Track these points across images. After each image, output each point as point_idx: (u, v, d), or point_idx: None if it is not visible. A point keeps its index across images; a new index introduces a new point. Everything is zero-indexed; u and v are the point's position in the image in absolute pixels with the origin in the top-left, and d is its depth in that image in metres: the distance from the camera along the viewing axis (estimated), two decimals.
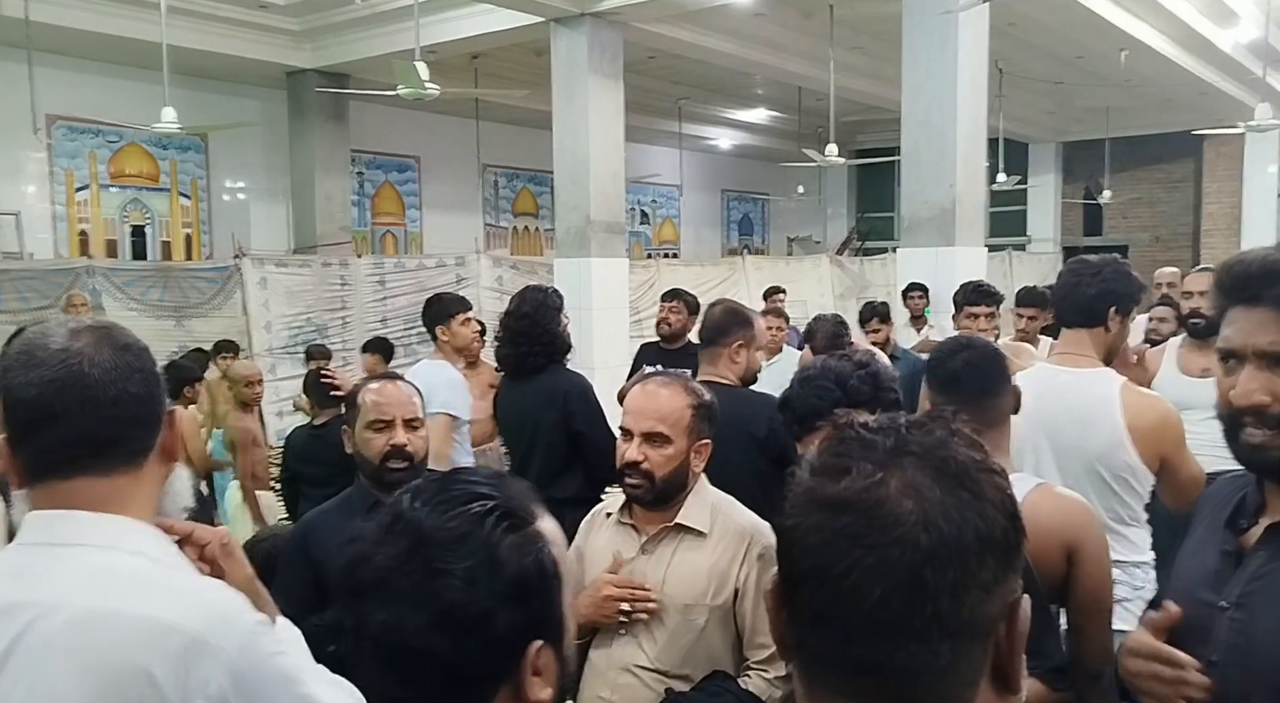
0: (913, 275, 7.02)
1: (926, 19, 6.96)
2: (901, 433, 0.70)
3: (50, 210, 10.01)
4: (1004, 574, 0.68)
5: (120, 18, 8.64)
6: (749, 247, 18.36)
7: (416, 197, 13.35)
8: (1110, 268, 2.45)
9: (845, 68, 10.08)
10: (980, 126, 7.28)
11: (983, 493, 0.67)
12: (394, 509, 0.88)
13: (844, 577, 0.66)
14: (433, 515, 0.86)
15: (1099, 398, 2.40)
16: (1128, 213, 16.02)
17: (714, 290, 11.54)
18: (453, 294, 4.34)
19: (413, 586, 0.83)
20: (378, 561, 0.85)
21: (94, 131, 10.19)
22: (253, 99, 10.96)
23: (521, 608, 0.85)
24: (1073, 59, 10.73)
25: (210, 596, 1.12)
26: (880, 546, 0.65)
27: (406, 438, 2.19)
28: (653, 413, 1.95)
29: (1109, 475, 2.37)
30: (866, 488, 0.66)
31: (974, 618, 0.66)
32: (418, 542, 0.85)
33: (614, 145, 8.50)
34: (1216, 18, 9.70)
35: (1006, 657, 0.69)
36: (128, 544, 1.13)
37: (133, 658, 1.04)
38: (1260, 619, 1.25)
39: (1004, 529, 0.67)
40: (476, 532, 0.85)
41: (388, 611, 0.84)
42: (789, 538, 0.70)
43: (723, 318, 3.17)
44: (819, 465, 0.70)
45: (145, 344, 1.22)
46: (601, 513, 2.13)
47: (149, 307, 8.60)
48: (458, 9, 8.71)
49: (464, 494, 0.88)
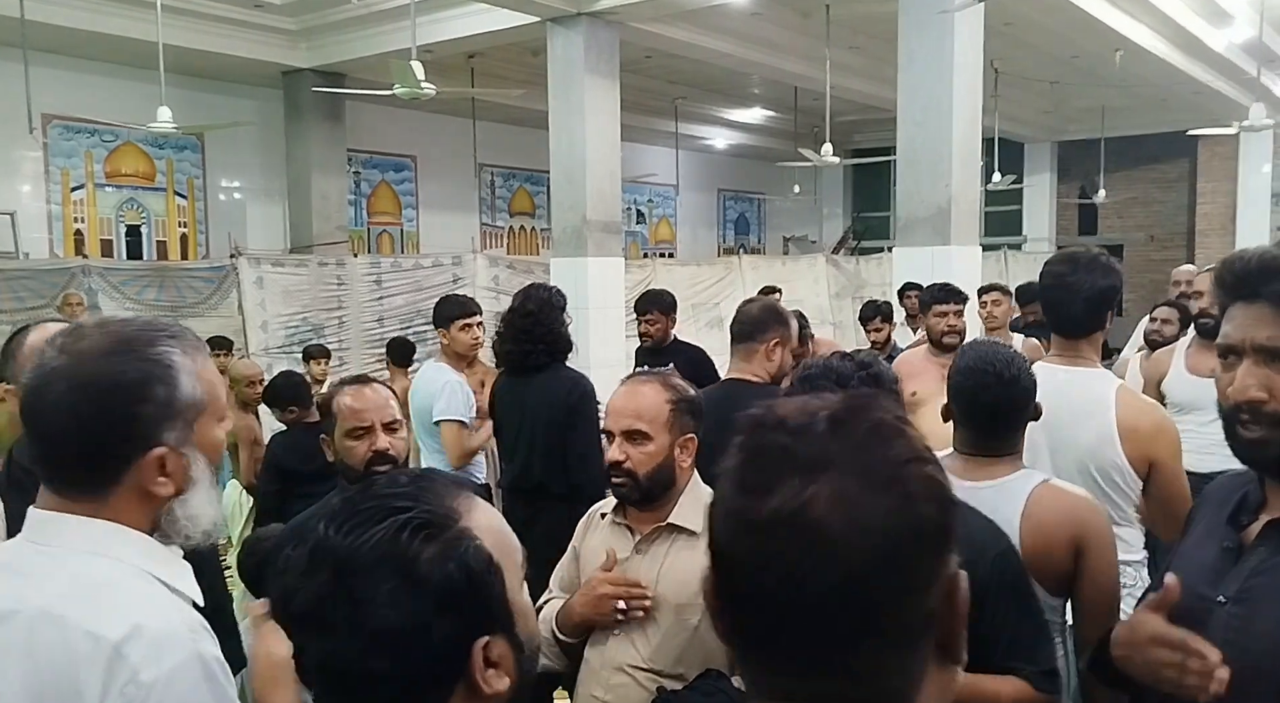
0: (909, 275, 7.03)
1: (922, 19, 6.97)
2: (822, 438, 0.67)
3: (46, 210, 9.99)
4: (942, 563, 0.67)
5: (116, 17, 8.62)
6: (745, 246, 18.36)
7: (413, 196, 13.34)
8: (1093, 275, 2.41)
9: (841, 67, 10.09)
10: (976, 126, 7.29)
11: (911, 491, 0.66)
12: (314, 537, 0.86)
13: (788, 602, 0.65)
14: (348, 540, 0.84)
15: (1094, 396, 2.41)
16: (1123, 212, 16.04)
17: (710, 290, 11.57)
18: (458, 298, 4.31)
19: (341, 616, 0.82)
20: (304, 594, 0.84)
21: (90, 131, 10.17)
22: (249, 98, 10.95)
23: (455, 615, 0.83)
24: (1068, 59, 10.75)
25: (158, 618, 1.10)
26: (818, 568, 0.64)
27: (388, 442, 2.16)
28: (630, 411, 1.96)
29: (1099, 474, 2.38)
30: (796, 509, 0.65)
31: (918, 616, 0.66)
32: (339, 571, 0.83)
33: (610, 145, 8.50)
34: (1210, 18, 9.72)
35: (947, 632, 0.69)
36: (110, 551, 1.14)
37: (65, 666, 1.05)
38: (1259, 614, 1.26)
39: (936, 518, 0.67)
40: (392, 552, 0.83)
41: (323, 641, 0.83)
42: (724, 562, 0.69)
43: (762, 314, 3.12)
44: (742, 482, 0.68)
45: (121, 380, 1.14)
46: (597, 513, 2.13)
47: (145, 306, 8.58)
48: (454, 9, 8.71)
49: (378, 511, 0.86)
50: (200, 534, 1.22)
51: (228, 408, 1.29)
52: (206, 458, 1.22)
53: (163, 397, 1.16)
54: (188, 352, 1.20)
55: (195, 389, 1.19)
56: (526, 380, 3.56)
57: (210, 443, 1.23)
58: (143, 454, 1.15)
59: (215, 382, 1.25)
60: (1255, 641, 1.25)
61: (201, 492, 1.22)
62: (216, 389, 1.24)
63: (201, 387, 1.20)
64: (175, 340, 1.20)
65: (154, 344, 1.17)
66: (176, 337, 1.21)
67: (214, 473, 1.25)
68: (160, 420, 1.16)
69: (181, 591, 1.19)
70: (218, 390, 1.24)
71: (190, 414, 1.18)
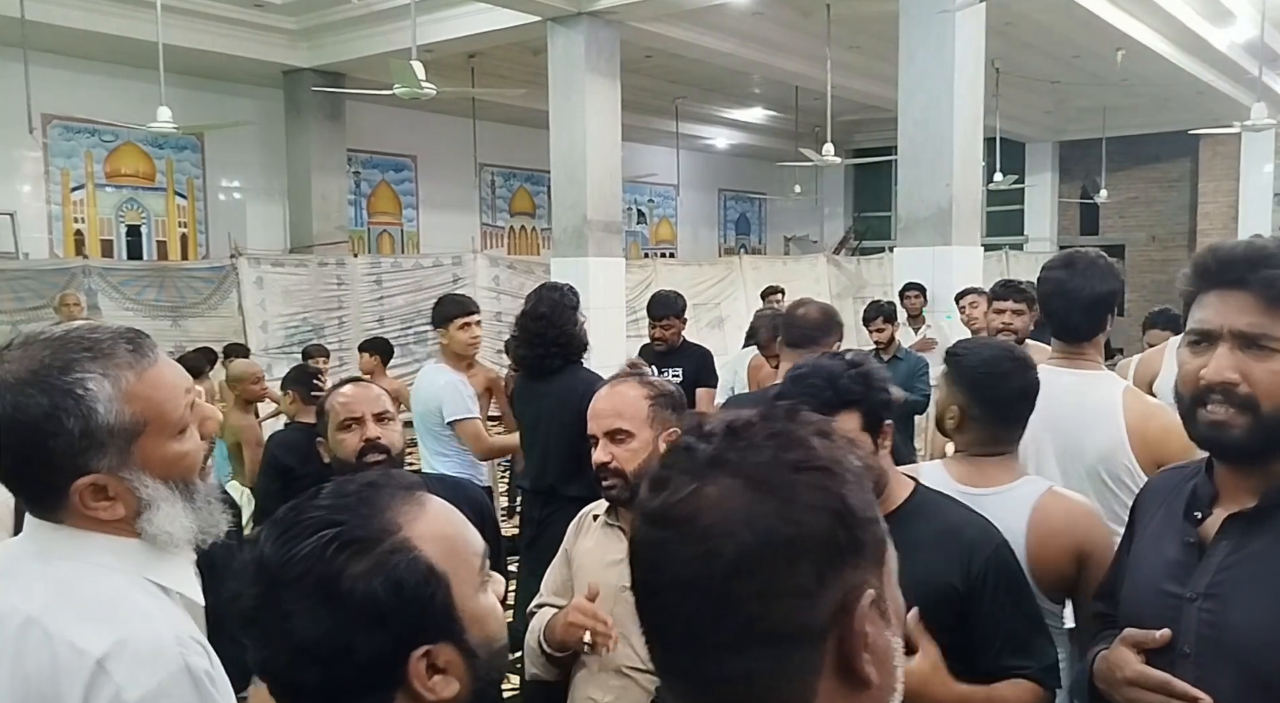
0: (910, 275, 7.02)
1: (923, 18, 6.96)
2: (722, 441, 0.70)
3: (46, 210, 9.99)
4: (833, 575, 0.67)
5: (116, 17, 8.62)
6: (746, 246, 18.36)
7: (413, 196, 13.34)
8: (1091, 280, 2.39)
9: (842, 67, 10.08)
10: (977, 126, 7.28)
11: (795, 497, 0.66)
12: (255, 547, 0.87)
13: (664, 591, 0.68)
14: (278, 553, 0.84)
15: (1102, 400, 2.39)
16: (1124, 212, 16.03)
17: (711, 290, 11.57)
18: (456, 297, 4.27)
19: (272, 626, 0.84)
20: (244, 601, 0.85)
21: (90, 131, 10.17)
22: (249, 98, 10.95)
23: (381, 630, 0.82)
24: (1069, 58, 10.74)
25: (144, 630, 1.08)
26: (688, 558, 0.66)
27: (379, 430, 2.17)
28: (611, 411, 1.96)
29: (1108, 477, 2.37)
30: (680, 501, 0.67)
31: (794, 624, 0.66)
32: (271, 583, 0.84)
33: (611, 144, 8.50)
34: (1212, 17, 9.71)
35: (850, 652, 0.68)
36: (101, 559, 1.13)
37: (48, 676, 1.04)
38: (1232, 608, 1.27)
39: (826, 530, 0.66)
40: (315, 567, 0.83)
41: (260, 648, 0.85)
42: (630, 552, 0.73)
43: (822, 320, 3.04)
44: (650, 478, 0.71)
45: (26, 416, 1.08)
46: (589, 516, 2.12)
47: (145, 306, 8.59)
48: (454, 8, 8.71)
49: (311, 524, 0.85)
50: (183, 545, 1.18)
51: (187, 417, 1.19)
52: (161, 475, 1.15)
53: (75, 428, 1.09)
54: (111, 373, 1.12)
55: (122, 413, 1.11)
56: (541, 383, 3.54)
57: (163, 460, 1.15)
58: (69, 484, 1.11)
59: (158, 400, 1.15)
60: (1230, 634, 1.26)
61: (162, 509, 1.15)
62: (161, 407, 1.15)
63: (133, 408, 1.12)
64: (98, 361, 1.12)
65: (68, 371, 1.10)
66: (101, 356, 1.12)
67: (182, 485, 1.18)
68: (80, 451, 1.10)
69: (179, 591, 1.17)
70: (164, 408, 1.15)
71: (121, 438, 1.11)
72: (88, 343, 1.13)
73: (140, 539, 1.16)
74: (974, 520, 1.75)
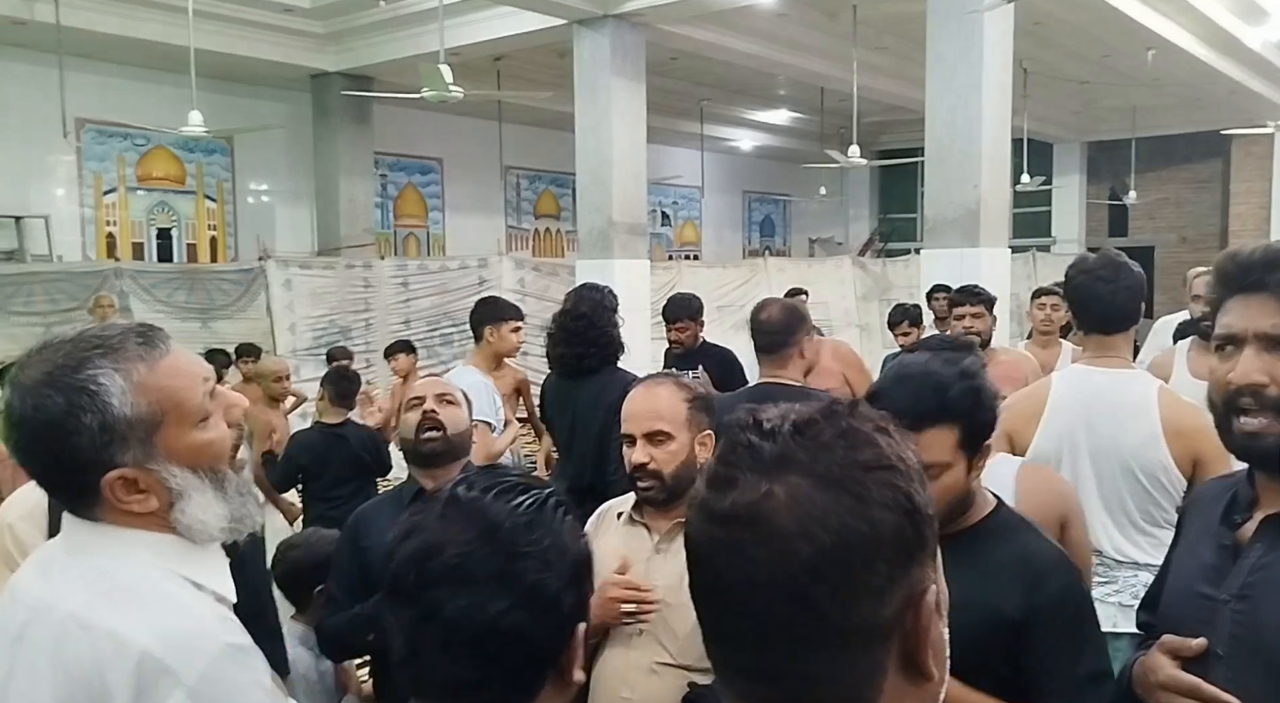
0: (937, 277, 6.96)
1: (951, 18, 6.91)
2: (788, 439, 0.69)
3: (79, 213, 10.13)
4: (901, 573, 0.67)
5: (148, 22, 8.74)
6: (770, 248, 18.31)
7: (439, 199, 13.42)
8: (1126, 270, 2.48)
9: (868, 68, 10.04)
10: (1005, 127, 7.23)
11: (868, 496, 0.67)
12: (451, 502, 0.92)
13: (733, 590, 0.68)
14: (497, 503, 0.90)
15: (1137, 397, 2.43)
16: (1154, 213, 15.85)
17: (735, 292, 11.54)
18: (507, 301, 4.33)
19: (493, 569, 0.87)
20: (450, 549, 0.88)
21: (122, 135, 10.31)
22: (277, 102, 11.06)
23: (578, 590, 0.91)
24: (1099, 58, 10.64)
25: (184, 617, 1.10)
26: (763, 559, 0.66)
27: (435, 406, 2.31)
28: (650, 413, 1.97)
29: (1143, 474, 2.39)
30: (752, 502, 0.67)
31: (867, 622, 0.66)
32: (489, 528, 0.88)
33: (636, 146, 8.50)
34: (1245, 15, 9.58)
35: (914, 647, 0.69)
36: (135, 555, 1.15)
37: (93, 669, 1.05)
38: (1264, 609, 1.26)
39: (897, 527, 0.67)
40: (541, 517, 0.90)
41: (467, 595, 0.87)
42: (690, 551, 0.72)
43: (786, 318, 3.05)
44: (711, 476, 0.71)
45: (46, 416, 1.11)
46: (612, 512, 2.13)
47: (175, 308, 8.68)
48: (481, 11, 8.75)
49: (517, 484, 0.92)
50: (218, 534, 1.20)
51: (207, 405, 1.20)
52: (189, 465, 1.17)
53: (94, 423, 1.11)
54: (123, 367, 1.13)
55: (138, 405, 1.13)
56: (576, 383, 3.54)
57: (189, 449, 1.17)
58: (99, 479, 1.13)
59: (174, 388, 1.16)
60: (1262, 635, 1.26)
61: (195, 498, 1.17)
62: (178, 396, 1.16)
63: (149, 399, 1.14)
64: (109, 356, 1.13)
65: (80, 369, 1.12)
66: (112, 351, 1.14)
67: (212, 474, 1.19)
68: (103, 446, 1.12)
69: (212, 588, 1.18)
70: (181, 397, 1.17)
71: (141, 430, 1.13)
72: (98, 341, 1.16)
73: (175, 534, 1.17)
74: (1049, 551, 1.65)
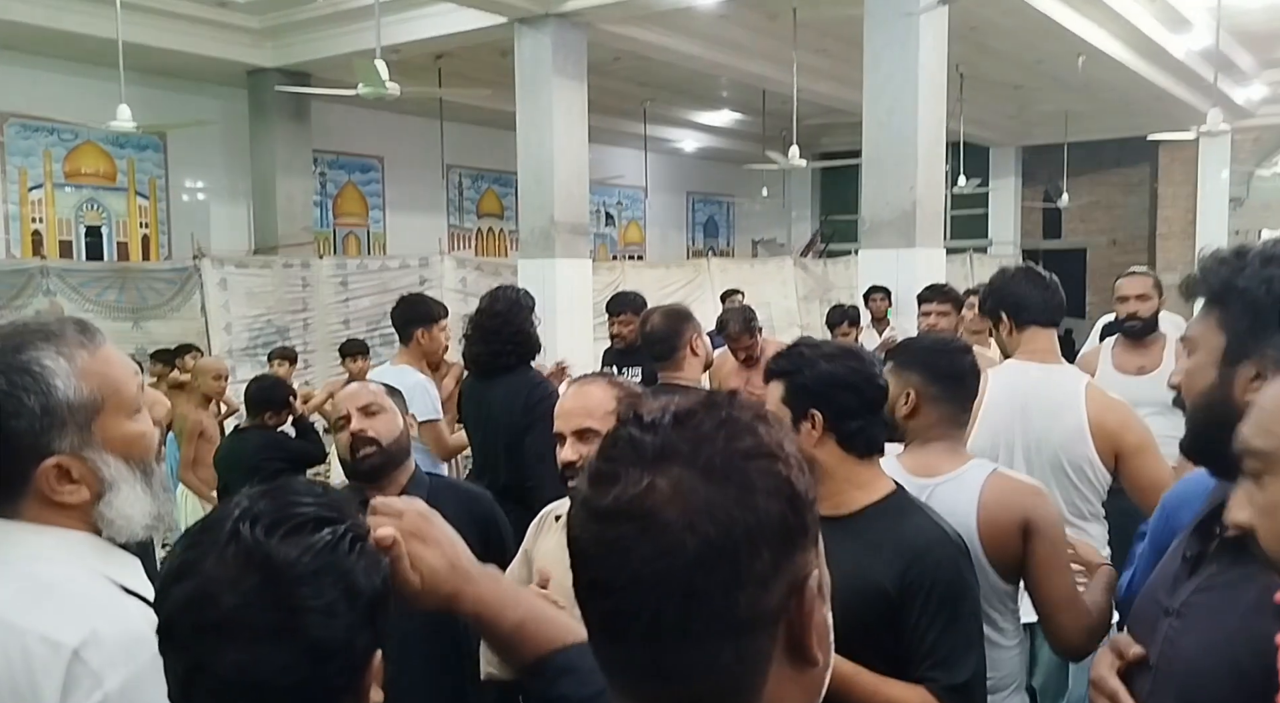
0: (874, 277, 7.08)
1: (887, 21, 7.02)
2: (668, 431, 0.69)
3: (3, 210, 9.80)
4: (786, 560, 0.67)
5: (75, 14, 8.48)
6: (714, 249, 18.40)
7: (380, 197, 13.25)
8: (1048, 276, 2.68)
9: (808, 70, 10.15)
10: (940, 129, 7.35)
11: (751, 484, 0.66)
12: (231, 539, 0.83)
13: (623, 590, 0.66)
14: (283, 546, 0.82)
15: (1066, 393, 2.53)
16: (1086, 216, 16.26)
17: (679, 292, 11.58)
18: (434, 299, 4.28)
19: (273, 623, 0.80)
20: (227, 599, 0.81)
21: (49, 130, 10.00)
22: (213, 98, 10.81)
23: (372, 627, 0.86)
24: (1032, 64, 10.88)
25: (117, 621, 1.07)
26: (649, 555, 0.65)
27: (362, 424, 2.21)
28: (580, 410, 1.98)
29: (1070, 468, 2.48)
30: (635, 497, 0.66)
31: (754, 611, 0.66)
32: (271, 576, 0.81)
33: (578, 146, 8.49)
34: (1170, 24, 9.87)
35: (799, 632, 0.69)
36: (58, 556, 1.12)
37: (21, 671, 1.03)
38: (1190, 632, 1.24)
39: (780, 515, 0.67)
40: (332, 561, 0.83)
41: (243, 649, 0.80)
42: (574, 551, 0.70)
43: (668, 325, 3.20)
44: (593, 473, 0.70)
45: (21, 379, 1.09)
46: (551, 515, 2.12)
47: (106, 308, 8.45)
48: (421, 8, 8.65)
49: (308, 520, 0.85)
50: (140, 531, 1.18)
51: (140, 399, 1.20)
52: (122, 455, 1.16)
53: (36, 405, 1.10)
54: (64, 352, 1.13)
55: (79, 390, 1.12)
56: (490, 383, 3.54)
57: (121, 439, 1.16)
58: (35, 466, 1.10)
59: (113, 376, 1.17)
60: (1181, 658, 1.24)
61: (124, 491, 1.16)
62: (117, 384, 1.16)
63: (90, 385, 1.13)
64: (50, 341, 1.13)
65: (21, 351, 1.10)
66: (52, 336, 1.13)
67: (142, 467, 1.18)
68: (42, 431, 1.10)
69: (135, 590, 1.15)
70: (119, 385, 1.17)
71: (81, 416, 1.12)
72: (36, 327, 1.15)
73: (95, 532, 1.15)
74: (929, 529, 1.70)
